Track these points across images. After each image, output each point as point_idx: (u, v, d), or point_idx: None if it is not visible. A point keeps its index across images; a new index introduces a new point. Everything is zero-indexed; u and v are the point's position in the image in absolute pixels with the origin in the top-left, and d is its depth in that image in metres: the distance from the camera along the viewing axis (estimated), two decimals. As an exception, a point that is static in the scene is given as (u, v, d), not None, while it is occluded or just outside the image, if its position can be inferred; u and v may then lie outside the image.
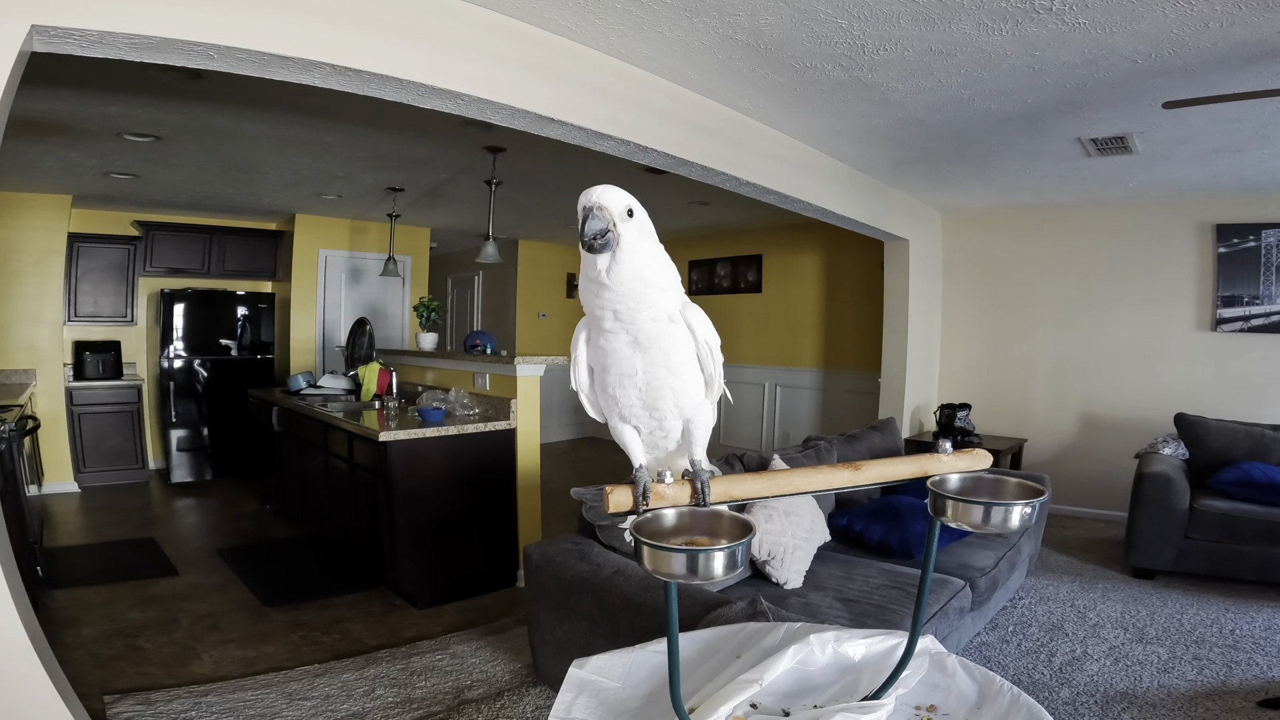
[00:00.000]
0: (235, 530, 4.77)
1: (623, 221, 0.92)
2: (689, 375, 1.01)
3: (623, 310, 0.94)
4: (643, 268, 0.93)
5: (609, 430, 1.09)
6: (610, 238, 0.91)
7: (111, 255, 6.02)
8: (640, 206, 0.95)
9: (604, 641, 2.30)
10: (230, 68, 2.07)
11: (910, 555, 2.96)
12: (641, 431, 1.05)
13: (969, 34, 2.46)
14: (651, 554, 0.82)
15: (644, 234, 0.94)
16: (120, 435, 5.95)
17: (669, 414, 1.02)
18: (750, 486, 1.00)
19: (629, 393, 1.00)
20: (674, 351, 0.98)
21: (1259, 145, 3.55)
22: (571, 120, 2.67)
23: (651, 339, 0.96)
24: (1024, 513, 0.94)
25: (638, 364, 0.98)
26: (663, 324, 0.96)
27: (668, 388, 0.99)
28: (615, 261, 0.92)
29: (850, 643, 1.34)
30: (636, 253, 0.93)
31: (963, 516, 0.97)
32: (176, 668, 2.81)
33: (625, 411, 1.03)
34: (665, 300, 0.96)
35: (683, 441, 1.07)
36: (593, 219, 0.90)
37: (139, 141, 4.15)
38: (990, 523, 0.95)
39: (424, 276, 7.41)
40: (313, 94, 2.58)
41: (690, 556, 0.81)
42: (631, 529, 0.89)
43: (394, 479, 3.40)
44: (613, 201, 0.91)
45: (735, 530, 0.90)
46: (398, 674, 2.78)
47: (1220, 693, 2.62)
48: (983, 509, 0.95)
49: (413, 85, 2.30)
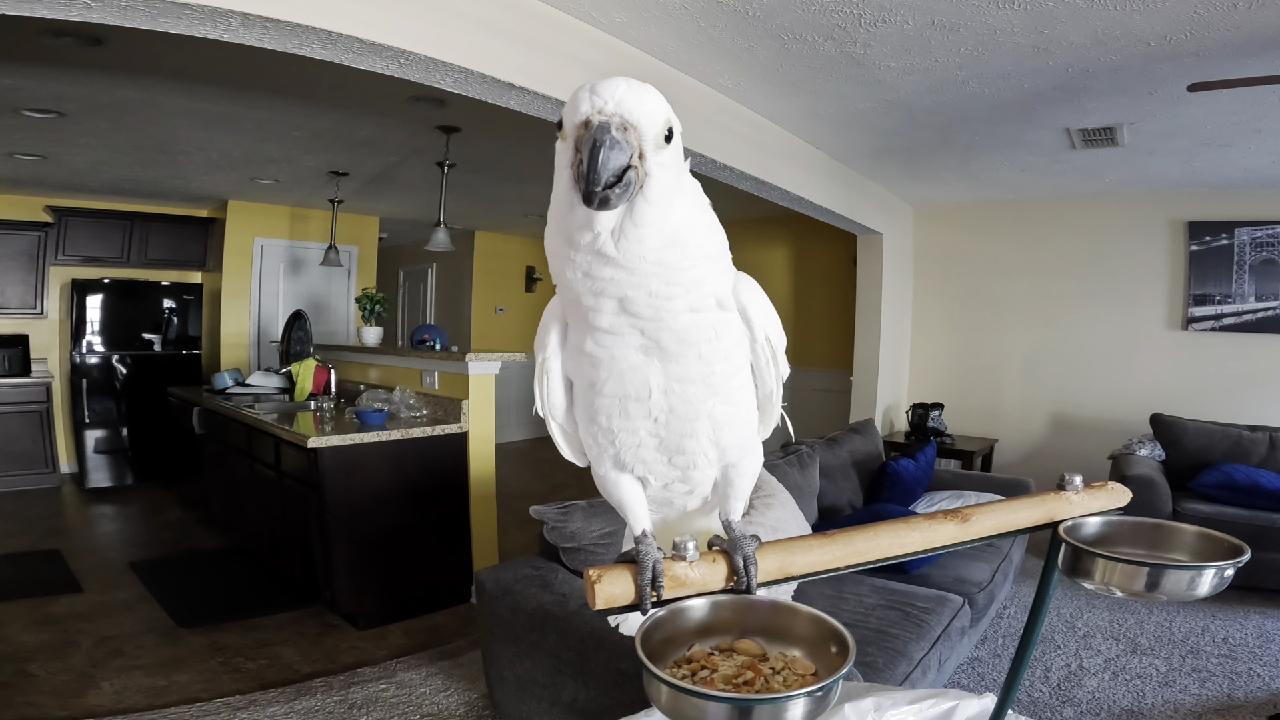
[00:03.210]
0: (153, 541, 4.33)
1: (656, 151, 0.55)
2: (740, 396, 0.66)
3: (639, 298, 0.58)
4: (680, 226, 0.58)
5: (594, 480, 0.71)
6: (631, 179, 0.54)
7: (19, 243, 5.46)
8: (677, 118, 0.59)
9: (573, 683, 2.01)
10: (114, 19, 1.70)
11: (903, 569, 2.74)
12: (650, 484, 0.69)
13: (979, 6, 2.24)
14: (674, 699, 0.49)
15: (681, 168, 0.59)
16: (28, 437, 5.41)
17: (701, 459, 0.67)
18: (818, 557, 0.68)
19: (636, 426, 0.64)
20: (720, 359, 0.63)
21: (1248, 140, 3.44)
22: (534, 87, 2.35)
23: (685, 340, 0.61)
24: (1223, 575, 0.66)
25: (655, 380, 0.62)
26: (708, 315, 0.62)
27: (704, 417, 0.64)
28: (633, 220, 0.55)
29: (894, 711, 1.08)
30: (672, 202, 0.57)
31: (1120, 581, 0.69)
32: (71, 698, 2.46)
33: (626, 455, 0.66)
34: (716, 275, 0.62)
35: (712, 496, 0.72)
36: (610, 146, 0.52)
37: (40, 118, 3.70)
38: (1162, 589, 0.68)
39: (372, 268, 6.97)
40: (236, 62, 2.23)
41: (742, 710, 0.47)
42: (638, 638, 0.54)
43: (327, 490, 3.04)
44: (648, 114, 0.55)
45: (811, 633, 0.57)
46: (334, 707, 2.45)
47: (1228, 707, 2.49)
48: (1151, 572, 0.67)
49: (346, 39, 1.95)
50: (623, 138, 0.53)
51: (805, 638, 0.59)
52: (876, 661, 2.03)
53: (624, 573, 0.60)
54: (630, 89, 0.55)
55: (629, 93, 0.54)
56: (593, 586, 0.59)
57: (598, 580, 0.59)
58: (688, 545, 0.63)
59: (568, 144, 0.56)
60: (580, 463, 0.74)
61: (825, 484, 3.20)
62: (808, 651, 0.57)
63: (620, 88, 0.55)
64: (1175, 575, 0.68)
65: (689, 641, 0.60)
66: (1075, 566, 0.73)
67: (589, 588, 0.59)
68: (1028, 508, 0.81)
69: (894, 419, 5.54)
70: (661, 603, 0.61)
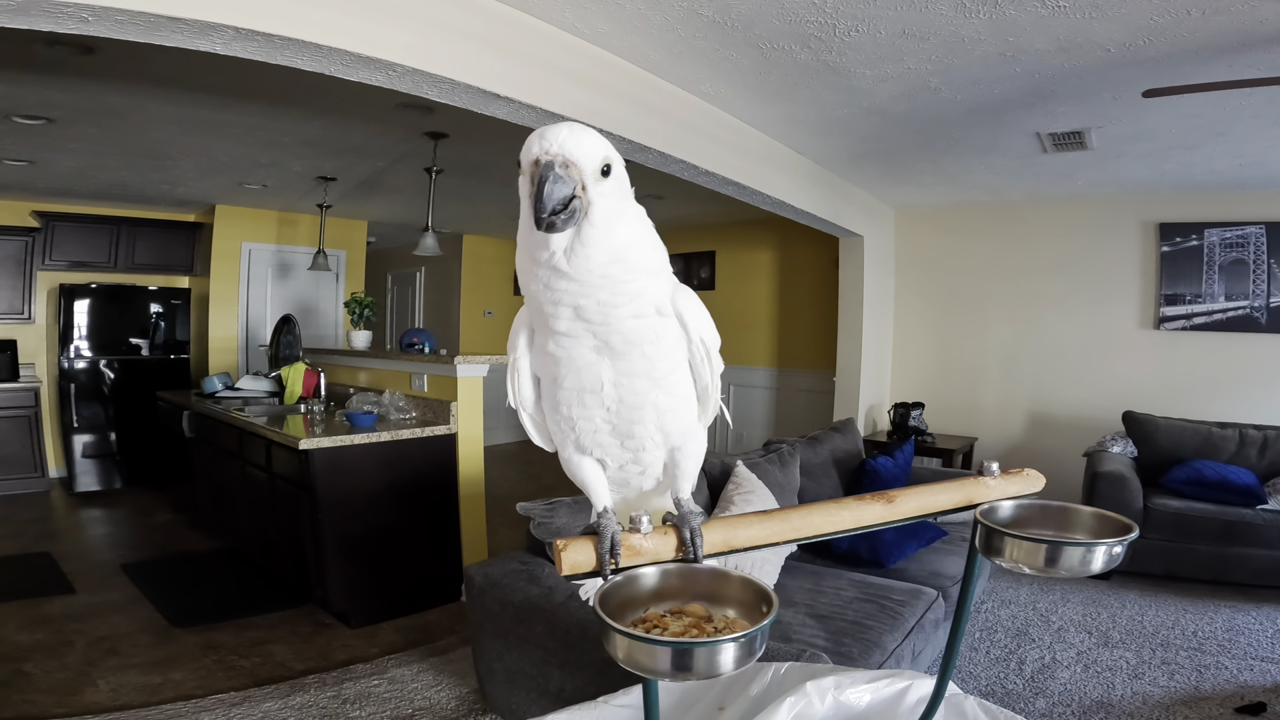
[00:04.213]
0: (143, 543, 4.35)
1: (596, 183, 0.65)
2: (679, 388, 0.76)
3: (589, 306, 0.68)
4: (622, 246, 0.67)
5: (560, 463, 0.82)
6: (576, 207, 0.64)
7: (6, 248, 5.47)
8: (618, 155, 0.69)
9: (559, 673, 2.08)
10: (111, 32, 1.74)
11: (881, 564, 2.82)
12: (608, 466, 0.79)
13: (946, 16, 2.32)
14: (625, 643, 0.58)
15: (623, 195, 0.69)
16: (16, 441, 5.41)
17: (649, 442, 0.77)
18: (757, 532, 0.76)
19: (592, 414, 0.75)
20: (661, 356, 0.73)
21: (1213, 143, 3.55)
22: (520, 98, 2.42)
23: (630, 342, 0.71)
24: (1112, 553, 0.74)
25: (606, 375, 0.72)
26: (649, 320, 0.71)
27: (649, 406, 0.74)
28: (581, 240, 0.65)
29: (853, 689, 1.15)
30: (614, 226, 0.67)
31: (1025, 558, 0.77)
32: (68, 695, 2.50)
33: (585, 440, 0.77)
34: (655, 287, 0.71)
35: (664, 477, 0.82)
36: (554, 180, 0.63)
37: (29, 124, 3.73)
38: (1061, 564, 0.75)
39: (360, 272, 7.00)
40: (226, 70, 2.27)
41: (681, 652, 0.56)
42: (596, 599, 0.64)
43: (318, 491, 3.09)
44: (585, 154, 0.64)
45: (746, 596, 0.66)
46: (328, 702, 2.51)
47: (1195, 699, 2.57)
48: (1049, 548, 0.75)
49: (335, 53, 2.01)
50: (565, 173, 0.63)
51: (742, 600, 0.68)
52: (851, 651, 2.10)
53: (587, 543, 0.70)
54: (572, 133, 0.65)
55: (570, 136, 0.64)
56: (560, 554, 0.67)
57: (564, 549, 0.68)
58: (642, 520, 0.72)
59: (525, 179, 0.66)
60: (549, 448, 0.85)
61: (806, 481, 3.28)
62: (744, 613, 0.67)
63: (563, 132, 0.65)
64: (1070, 551, 0.76)
65: (645, 605, 0.69)
66: (989, 545, 0.81)
67: (556, 555, 0.68)
68: (948, 491, 0.89)
69: (877, 418, 5.63)
70: (619, 570, 0.70)
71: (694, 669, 0.57)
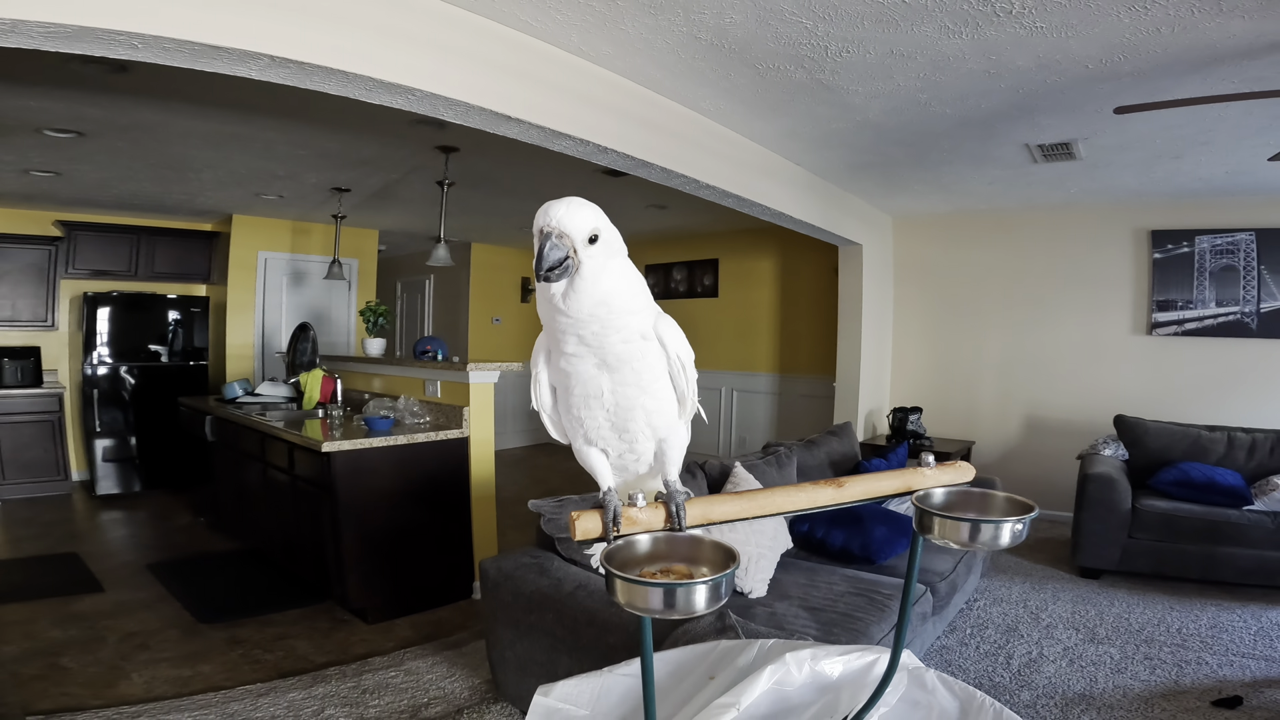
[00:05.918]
0: (166, 544, 4.51)
1: (585, 248, 0.83)
2: (662, 394, 0.94)
3: (587, 335, 0.87)
4: (607, 294, 0.85)
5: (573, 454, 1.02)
6: (569, 265, 0.82)
7: (30, 256, 5.66)
8: (608, 223, 0.86)
9: (567, 659, 2.21)
10: (157, 58, 1.91)
11: (872, 561, 2.95)
12: (610, 454, 0.98)
13: (930, 37, 2.46)
14: (625, 587, 0.75)
15: (610, 254, 0.86)
16: (40, 446, 5.60)
17: (640, 435, 0.96)
18: (729, 508, 0.94)
19: (595, 415, 0.93)
20: (646, 370, 0.91)
21: (1198, 152, 3.67)
22: (529, 119, 2.57)
23: (622, 360, 0.90)
24: (1015, 530, 0.90)
25: (605, 385, 0.91)
26: (635, 344, 0.90)
27: (639, 408, 0.93)
28: (573, 290, 0.83)
29: (827, 661, 1.28)
30: (599, 279, 0.84)
31: (950, 534, 0.93)
32: (104, 688, 2.64)
33: (591, 434, 0.96)
34: (638, 320, 0.89)
35: (655, 463, 1.01)
36: (551, 247, 0.80)
37: (60, 137, 3.91)
38: (979, 540, 0.91)
39: (372, 280, 7.18)
40: (250, 88, 2.42)
41: (668, 591, 0.74)
42: (601, 558, 0.81)
43: (339, 491, 3.24)
44: (576, 227, 0.82)
45: (717, 557, 0.83)
46: (348, 692, 2.65)
47: (1174, 693, 2.68)
48: (970, 526, 0.91)
49: (360, 79, 2.17)
50: (559, 242, 0.81)
51: (714, 560, 0.85)
52: (840, 640, 2.23)
53: (594, 514, 0.88)
54: (568, 209, 0.82)
55: (566, 212, 0.82)
56: (574, 523, 0.83)
57: (578, 519, 0.85)
58: (638, 497, 0.90)
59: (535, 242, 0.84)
60: (564, 441, 1.03)
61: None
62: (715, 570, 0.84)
63: (561, 209, 0.82)
64: (984, 528, 0.91)
65: (640, 565, 0.85)
66: (923, 524, 0.97)
67: (571, 524, 0.84)
68: (890, 479, 1.05)
69: (876, 423, 5.75)
70: (620, 536, 0.87)
71: (677, 606, 0.74)
